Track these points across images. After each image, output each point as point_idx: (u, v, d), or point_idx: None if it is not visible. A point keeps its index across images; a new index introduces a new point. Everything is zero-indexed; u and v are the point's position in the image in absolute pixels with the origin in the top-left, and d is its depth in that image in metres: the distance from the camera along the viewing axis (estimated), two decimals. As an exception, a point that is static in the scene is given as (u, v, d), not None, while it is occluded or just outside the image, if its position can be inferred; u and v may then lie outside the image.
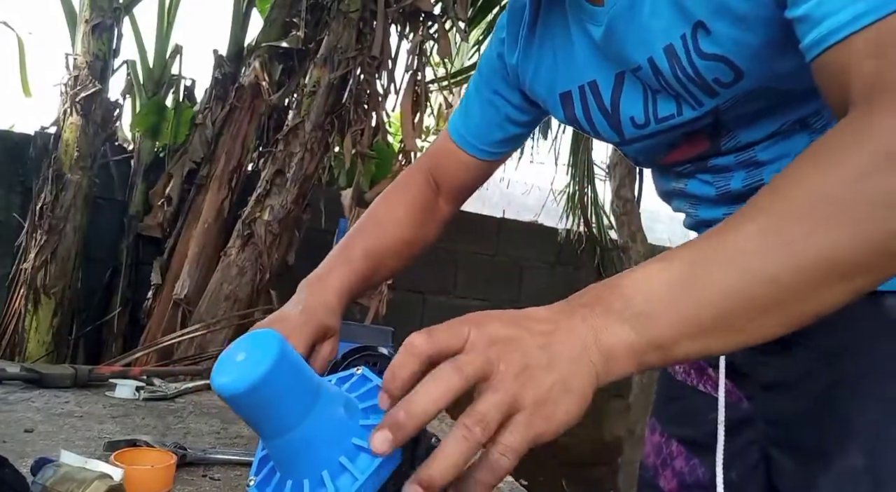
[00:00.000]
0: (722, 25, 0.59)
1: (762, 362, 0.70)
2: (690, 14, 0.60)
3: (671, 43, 0.63)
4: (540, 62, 0.83)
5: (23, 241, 2.73)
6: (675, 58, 0.63)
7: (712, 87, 0.63)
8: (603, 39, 0.71)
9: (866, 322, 0.60)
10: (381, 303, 2.83)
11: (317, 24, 2.98)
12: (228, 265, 2.65)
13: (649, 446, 0.85)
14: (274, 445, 0.49)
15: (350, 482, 0.47)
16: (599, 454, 4.02)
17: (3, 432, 1.34)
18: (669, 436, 0.81)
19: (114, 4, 2.80)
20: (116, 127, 3.07)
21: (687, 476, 0.77)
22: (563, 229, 4.18)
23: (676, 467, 0.78)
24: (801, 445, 0.65)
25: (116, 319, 2.85)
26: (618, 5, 0.68)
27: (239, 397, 0.45)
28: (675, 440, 0.80)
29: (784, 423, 0.67)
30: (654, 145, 0.75)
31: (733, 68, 0.60)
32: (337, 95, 2.79)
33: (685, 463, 0.77)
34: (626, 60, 0.69)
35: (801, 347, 0.65)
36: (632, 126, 0.74)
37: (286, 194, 2.71)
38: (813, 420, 0.63)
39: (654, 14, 0.64)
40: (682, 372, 0.82)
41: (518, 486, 1.55)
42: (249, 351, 0.47)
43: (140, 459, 1.17)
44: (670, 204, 0.84)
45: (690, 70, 0.63)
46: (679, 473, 0.78)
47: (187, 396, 1.89)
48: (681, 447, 0.79)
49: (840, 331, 0.61)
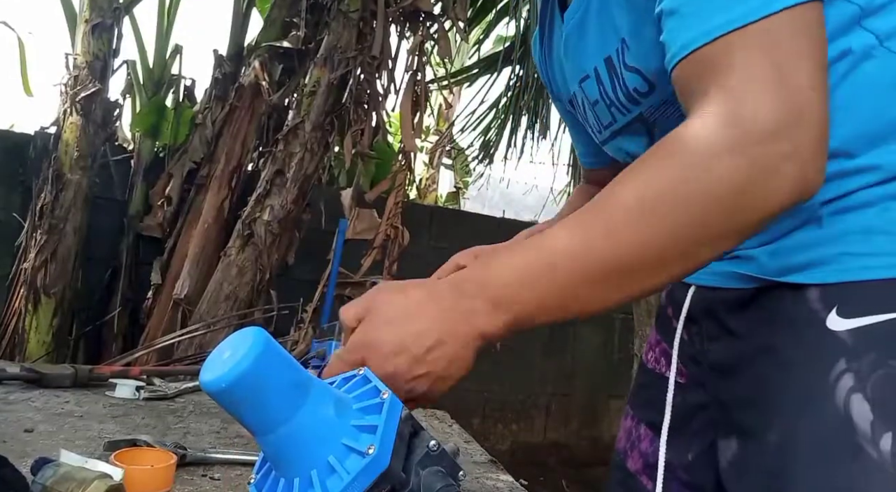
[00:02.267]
0: (635, 43, 0.67)
1: (709, 349, 0.74)
2: (619, 30, 0.70)
3: (609, 55, 0.72)
4: (553, 74, 0.93)
5: (23, 241, 2.73)
6: (612, 68, 0.72)
7: (633, 97, 0.71)
8: (565, 51, 0.82)
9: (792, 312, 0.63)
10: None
11: (317, 24, 2.98)
12: (228, 265, 2.66)
13: (622, 431, 0.89)
14: (265, 442, 0.49)
15: (338, 482, 0.47)
16: (599, 454, 4.01)
17: (3, 431, 1.34)
18: (639, 420, 0.85)
19: (114, 4, 2.80)
20: (116, 127, 3.07)
21: (650, 457, 0.81)
22: (563, 229, 4.17)
23: (643, 449, 0.83)
24: (737, 427, 0.68)
25: (116, 319, 2.85)
26: (573, 20, 0.77)
27: (224, 392, 0.46)
28: (644, 424, 0.84)
29: (726, 405, 0.71)
30: (618, 148, 0.82)
31: (647, 81, 0.69)
32: (337, 95, 2.80)
33: (650, 445, 0.82)
34: (581, 70, 0.79)
35: (737, 337, 0.70)
36: (597, 131, 0.83)
37: (286, 194, 2.71)
38: (747, 405, 0.67)
39: (598, 28, 0.73)
40: (652, 360, 0.87)
41: (518, 486, 1.55)
42: (235, 348, 0.47)
43: (140, 459, 1.17)
44: None
45: (620, 80, 0.72)
46: (644, 454, 0.83)
47: (187, 396, 1.89)
48: (648, 430, 0.83)
49: (768, 320, 0.65)
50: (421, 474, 0.50)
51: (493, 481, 1.54)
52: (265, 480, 0.52)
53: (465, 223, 3.89)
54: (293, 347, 2.58)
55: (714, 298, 0.73)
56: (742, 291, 0.69)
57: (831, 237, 0.62)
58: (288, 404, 0.48)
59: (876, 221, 0.60)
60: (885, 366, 0.56)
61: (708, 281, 0.73)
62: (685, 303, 0.77)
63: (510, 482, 1.55)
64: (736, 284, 0.69)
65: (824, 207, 0.62)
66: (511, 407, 4.04)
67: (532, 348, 4.05)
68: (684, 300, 0.77)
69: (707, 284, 0.74)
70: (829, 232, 0.62)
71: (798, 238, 0.64)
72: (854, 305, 0.60)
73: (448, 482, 0.51)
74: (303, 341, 2.61)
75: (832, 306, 0.60)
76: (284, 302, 2.73)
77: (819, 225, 0.62)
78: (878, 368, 0.56)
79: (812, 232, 0.63)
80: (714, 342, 0.73)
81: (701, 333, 0.75)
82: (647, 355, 0.89)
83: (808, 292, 0.62)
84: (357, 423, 0.49)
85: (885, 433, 0.55)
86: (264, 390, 0.47)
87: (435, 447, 0.51)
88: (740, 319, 0.69)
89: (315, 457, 0.48)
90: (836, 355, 0.59)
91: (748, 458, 0.66)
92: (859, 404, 0.56)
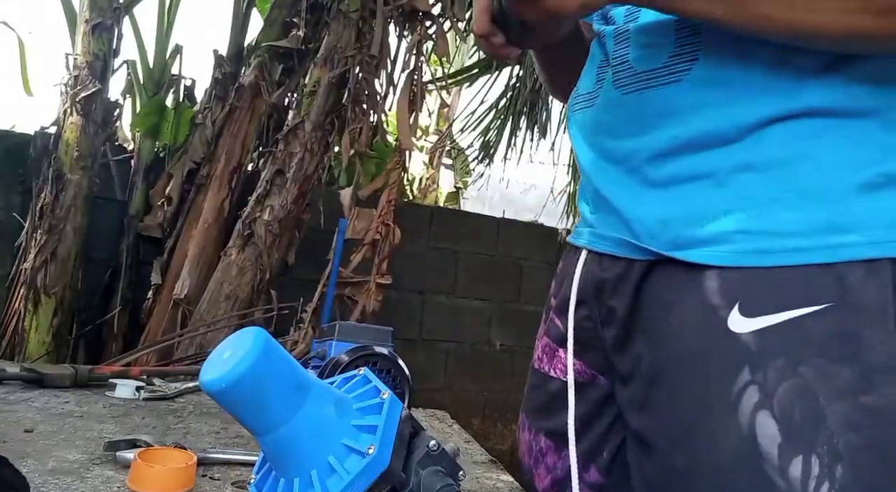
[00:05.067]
0: None
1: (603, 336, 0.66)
2: None
3: None
4: None
5: (23, 241, 2.73)
6: None
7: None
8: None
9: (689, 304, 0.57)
10: (369, 299, 2.82)
11: (316, 23, 2.98)
12: (228, 265, 2.66)
13: (523, 445, 0.79)
14: (265, 442, 0.49)
15: (338, 482, 0.47)
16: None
17: (3, 431, 1.34)
18: (537, 431, 0.75)
19: (114, 4, 2.80)
20: (116, 127, 3.07)
21: (559, 471, 0.72)
22: (563, 229, 4.18)
23: (549, 463, 0.73)
24: (636, 435, 0.62)
25: (116, 319, 2.85)
26: None
27: (224, 392, 0.46)
28: (542, 435, 0.74)
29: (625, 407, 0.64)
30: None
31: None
32: (337, 95, 2.80)
33: (556, 457, 0.72)
34: None
35: (628, 325, 0.63)
36: None
37: (286, 194, 2.71)
38: (643, 411, 0.61)
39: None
40: (536, 359, 0.78)
41: (518, 486, 1.55)
42: (235, 348, 0.47)
43: (162, 458, 1.18)
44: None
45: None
46: (552, 468, 0.73)
47: (187, 396, 1.90)
48: (549, 441, 0.73)
49: (662, 307, 0.59)
50: (421, 474, 0.50)
51: (493, 481, 1.54)
52: (265, 480, 0.52)
53: (465, 223, 3.89)
54: (293, 347, 2.58)
55: (603, 276, 0.66)
56: (632, 265, 0.62)
57: (729, 208, 0.55)
58: (288, 404, 0.48)
59: (784, 191, 0.54)
60: (794, 375, 0.50)
61: (599, 246, 0.67)
62: (574, 279, 0.70)
63: (510, 482, 1.55)
64: (626, 252, 0.63)
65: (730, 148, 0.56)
66: (511, 407, 4.03)
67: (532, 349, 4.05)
68: (573, 280, 0.70)
69: (597, 249, 0.67)
70: (727, 198, 0.56)
71: (694, 200, 0.57)
72: (757, 300, 0.53)
73: (448, 482, 0.51)
74: (303, 341, 2.60)
75: (734, 302, 0.53)
76: (284, 302, 2.72)
77: (718, 184, 0.56)
78: (786, 377, 0.50)
79: (709, 194, 0.57)
80: (607, 328, 0.66)
81: (592, 317, 0.68)
82: (535, 357, 0.80)
83: (705, 279, 0.55)
84: (357, 423, 0.50)
85: (795, 458, 0.49)
86: (264, 390, 0.47)
87: (435, 447, 0.51)
88: (631, 304, 0.62)
89: (315, 457, 0.48)
90: (740, 364, 0.52)
91: (648, 477, 0.60)
92: (765, 422, 0.50)
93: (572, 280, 0.70)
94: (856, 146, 0.53)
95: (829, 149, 0.54)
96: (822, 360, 0.50)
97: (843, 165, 0.53)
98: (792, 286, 0.52)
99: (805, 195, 0.53)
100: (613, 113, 0.66)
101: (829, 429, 0.49)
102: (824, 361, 0.50)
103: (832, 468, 0.48)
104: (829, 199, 0.53)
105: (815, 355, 0.50)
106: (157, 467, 1.13)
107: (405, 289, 3.57)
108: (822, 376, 0.50)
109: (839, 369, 0.50)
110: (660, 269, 0.60)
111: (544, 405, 0.74)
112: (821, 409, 0.49)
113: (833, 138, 0.54)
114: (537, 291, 4.05)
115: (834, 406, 0.49)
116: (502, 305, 3.96)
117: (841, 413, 0.49)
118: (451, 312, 3.79)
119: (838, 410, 0.49)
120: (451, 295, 3.81)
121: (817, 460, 0.48)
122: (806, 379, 0.50)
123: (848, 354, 0.50)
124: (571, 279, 0.70)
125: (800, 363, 0.50)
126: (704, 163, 0.57)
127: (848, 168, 0.53)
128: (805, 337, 0.51)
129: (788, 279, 0.52)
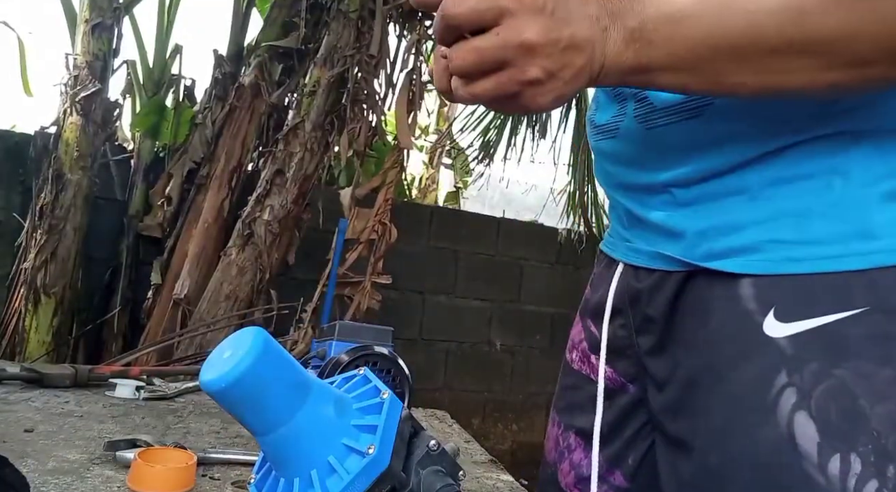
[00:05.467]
0: None
1: (638, 343, 0.68)
2: None
3: None
4: None
5: (23, 241, 2.73)
6: None
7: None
8: None
9: (725, 311, 0.58)
10: (364, 297, 2.82)
11: (316, 23, 2.98)
12: (228, 265, 2.66)
13: (550, 441, 0.81)
14: (265, 442, 0.49)
15: (338, 482, 0.47)
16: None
17: (3, 431, 1.34)
18: (566, 428, 0.78)
19: (114, 4, 2.80)
20: (116, 127, 3.07)
21: (584, 469, 0.73)
22: (563, 229, 4.18)
23: (574, 461, 0.75)
24: (671, 438, 0.63)
25: (116, 319, 2.85)
26: None
27: (224, 392, 0.46)
28: (572, 432, 0.76)
29: (656, 411, 0.66)
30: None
31: None
32: (337, 95, 2.80)
33: (584, 455, 0.74)
34: None
35: (665, 333, 0.64)
36: None
37: (286, 194, 2.71)
38: (678, 414, 0.62)
39: None
40: (577, 360, 0.79)
41: (518, 486, 1.55)
42: (235, 348, 0.47)
43: (162, 458, 1.18)
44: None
45: None
46: (577, 466, 0.75)
47: (187, 395, 1.90)
48: (578, 439, 0.75)
49: (700, 315, 0.60)
50: (421, 473, 0.50)
51: (493, 481, 1.54)
52: (265, 480, 0.52)
53: (465, 223, 3.89)
54: (293, 347, 2.58)
55: (639, 287, 0.67)
56: (668, 276, 0.63)
57: (762, 219, 0.57)
58: (288, 404, 0.48)
59: (815, 203, 0.55)
60: (829, 377, 0.51)
61: (635, 260, 0.68)
62: (610, 289, 0.71)
63: (510, 482, 1.55)
64: (662, 265, 0.64)
65: (760, 167, 0.57)
66: (511, 407, 4.04)
67: (532, 348, 4.06)
68: (609, 290, 0.72)
69: (633, 263, 0.69)
70: (760, 211, 0.57)
71: (727, 213, 0.59)
72: (792, 306, 0.54)
73: (448, 482, 0.51)
74: (303, 341, 2.61)
75: (769, 308, 0.55)
76: (284, 302, 2.73)
77: (751, 198, 0.58)
78: (822, 380, 0.51)
79: (742, 208, 0.58)
80: (642, 336, 0.68)
81: (627, 326, 0.70)
82: (570, 355, 0.81)
83: (740, 287, 0.57)
84: (357, 423, 0.49)
85: (833, 456, 0.49)
86: (264, 390, 0.47)
87: (435, 447, 0.51)
88: (668, 312, 0.64)
89: (315, 457, 0.48)
90: (777, 367, 0.53)
91: (685, 479, 0.60)
92: (804, 423, 0.51)
93: (608, 290, 0.72)
94: (882, 159, 0.55)
95: (856, 162, 0.55)
96: (859, 362, 0.51)
97: (870, 177, 0.54)
98: (826, 292, 0.53)
99: (835, 205, 0.55)
100: (637, 147, 0.67)
101: (873, 430, 0.49)
102: (862, 362, 0.51)
103: (881, 468, 0.48)
104: (858, 208, 0.54)
105: (851, 358, 0.51)
106: (157, 467, 1.13)
107: (405, 289, 3.57)
108: (860, 377, 0.51)
109: (877, 370, 0.51)
110: (695, 279, 0.62)
111: (577, 405, 0.76)
112: (860, 409, 0.50)
113: (860, 153, 0.55)
114: (537, 291, 4.06)
115: (878, 408, 0.50)
116: (502, 305, 3.97)
117: (886, 414, 0.50)
118: (451, 312, 3.80)
119: (883, 411, 0.50)
120: (451, 295, 3.81)
121: (858, 459, 0.49)
122: (843, 380, 0.51)
123: (885, 356, 0.51)
124: (608, 290, 0.72)
125: (836, 365, 0.51)
126: (736, 182, 0.58)
127: (876, 178, 0.54)
128: (841, 340, 0.52)
129: (822, 285, 0.54)
